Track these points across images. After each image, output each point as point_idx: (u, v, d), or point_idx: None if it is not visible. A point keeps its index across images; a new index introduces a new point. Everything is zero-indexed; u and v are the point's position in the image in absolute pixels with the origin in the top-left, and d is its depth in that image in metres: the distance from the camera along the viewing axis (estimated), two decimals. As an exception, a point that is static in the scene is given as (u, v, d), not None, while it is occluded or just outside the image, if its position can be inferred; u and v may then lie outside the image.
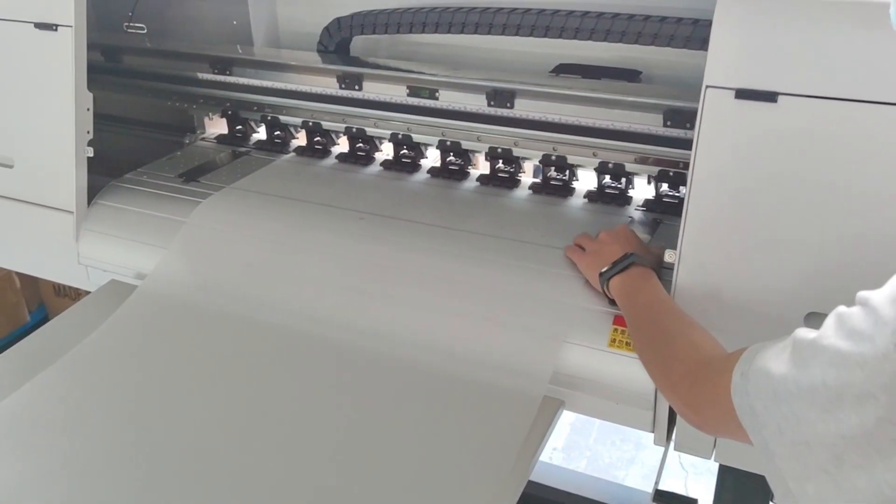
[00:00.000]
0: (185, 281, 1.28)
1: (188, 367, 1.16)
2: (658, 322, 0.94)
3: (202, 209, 1.35)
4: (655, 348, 0.92)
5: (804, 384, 0.62)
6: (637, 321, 0.98)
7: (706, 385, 0.78)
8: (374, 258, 1.21)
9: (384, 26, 1.48)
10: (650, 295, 1.00)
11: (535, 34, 1.36)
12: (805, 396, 0.61)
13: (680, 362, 0.86)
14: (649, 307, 0.98)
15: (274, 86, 1.52)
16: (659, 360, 0.91)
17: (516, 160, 1.40)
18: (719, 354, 0.82)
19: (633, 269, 1.04)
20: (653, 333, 0.94)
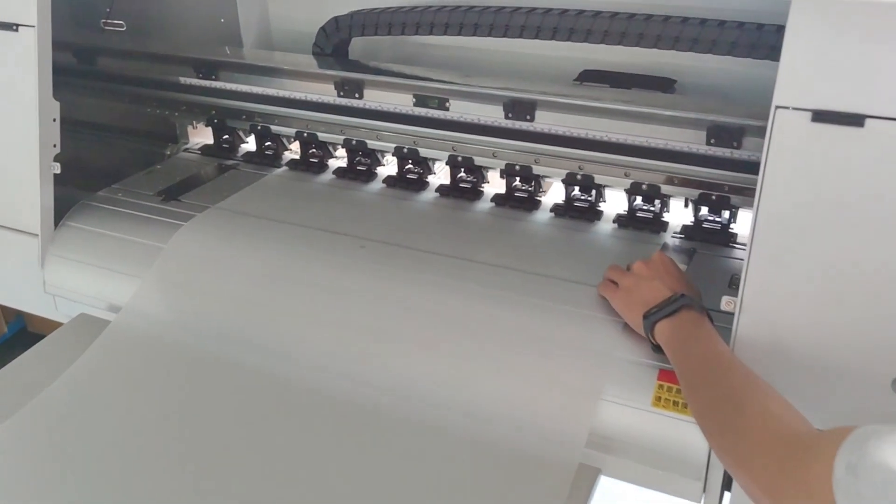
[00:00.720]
0: (162, 317, 1.13)
1: (164, 419, 1.00)
2: (722, 382, 0.79)
3: (182, 234, 1.20)
4: (720, 415, 0.77)
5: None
6: (693, 379, 0.83)
7: (792, 471, 0.64)
8: (377, 295, 1.06)
9: (387, 26, 1.33)
10: (708, 347, 0.84)
11: (558, 37, 1.21)
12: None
13: (754, 437, 0.71)
14: (708, 362, 0.83)
15: (264, 92, 1.36)
16: (725, 431, 0.76)
17: (536, 179, 1.25)
18: (807, 432, 0.68)
19: (684, 312, 0.89)
20: (716, 396, 0.79)
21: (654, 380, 0.91)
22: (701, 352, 0.84)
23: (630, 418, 0.90)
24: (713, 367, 0.82)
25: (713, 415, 0.78)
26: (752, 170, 1.06)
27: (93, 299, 1.22)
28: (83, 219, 1.28)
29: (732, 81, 1.23)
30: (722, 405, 0.77)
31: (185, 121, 1.52)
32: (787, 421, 0.71)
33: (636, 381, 0.91)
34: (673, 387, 0.89)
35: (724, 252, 1.12)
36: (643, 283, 0.95)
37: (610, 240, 1.17)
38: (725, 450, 0.76)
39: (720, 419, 0.77)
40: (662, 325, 0.89)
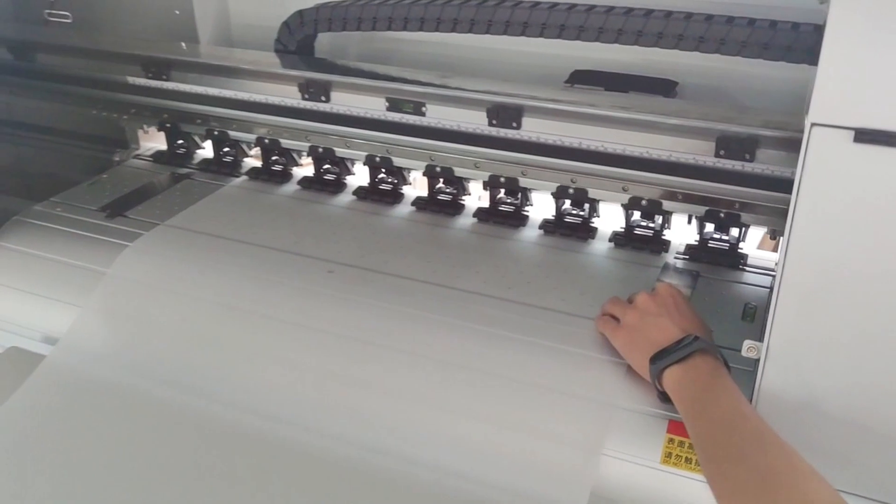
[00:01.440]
0: (102, 354, 1.00)
1: (102, 471, 0.87)
2: (749, 455, 0.67)
3: (127, 257, 1.06)
4: (746, 496, 0.65)
5: None
6: (711, 443, 0.71)
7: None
8: (347, 329, 0.93)
9: (357, 21, 1.19)
10: (729, 405, 0.72)
11: (547, 34, 1.08)
12: None
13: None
14: (730, 426, 0.71)
15: (221, 94, 1.23)
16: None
17: (523, 192, 1.13)
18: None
19: (698, 358, 0.77)
20: (740, 471, 0.67)
21: (663, 432, 0.79)
22: (720, 412, 0.72)
23: (636, 477, 0.79)
24: (737, 432, 0.70)
25: (737, 494, 0.66)
26: (766, 185, 0.95)
27: (25, 329, 1.08)
28: (16, 238, 1.14)
29: (741, 85, 1.11)
30: (749, 485, 0.65)
31: (134, 125, 1.38)
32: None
33: (643, 434, 0.80)
34: (685, 441, 0.78)
35: (733, 276, 1.01)
36: (649, 319, 0.84)
37: (606, 261, 1.05)
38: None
39: (742, 493, 0.65)
40: (672, 372, 0.78)
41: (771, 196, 0.95)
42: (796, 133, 0.90)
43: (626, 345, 0.85)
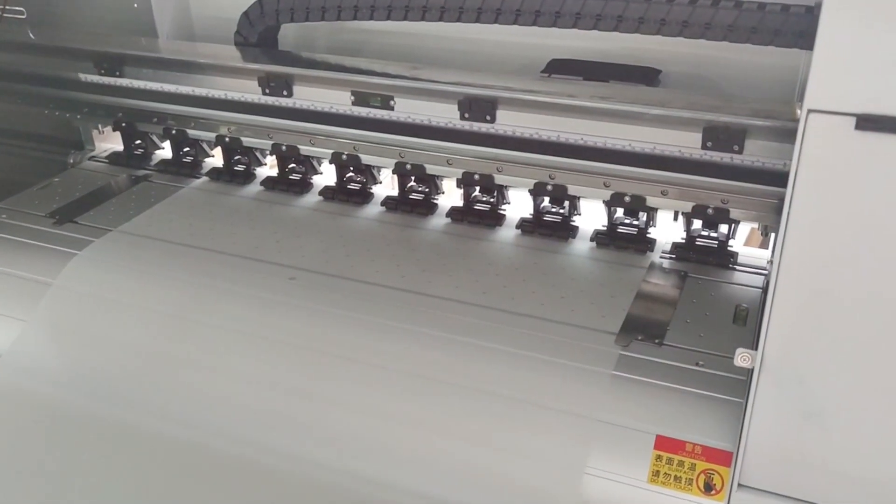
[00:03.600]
0: (48, 369, 0.93)
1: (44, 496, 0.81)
2: None
3: (75, 266, 0.99)
4: None
5: None
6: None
7: None
8: (309, 341, 0.86)
9: (320, 11, 1.12)
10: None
11: (521, 21, 1.02)
12: None
13: None
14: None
15: (177, 90, 1.16)
16: None
17: (499, 189, 1.06)
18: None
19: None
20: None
21: (650, 448, 0.73)
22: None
23: (622, 497, 0.72)
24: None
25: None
26: (757, 178, 0.89)
27: (-32, 345, 1.01)
28: (-43, 247, 1.07)
29: (719, 70, 1.05)
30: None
31: (88, 124, 1.31)
32: None
33: (628, 450, 0.73)
34: (674, 458, 0.72)
35: (723, 275, 0.95)
36: None
37: (587, 262, 0.99)
38: None
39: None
40: None
41: (762, 190, 0.89)
42: (789, 122, 0.85)
43: None
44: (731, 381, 0.76)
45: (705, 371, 0.78)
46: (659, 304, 0.89)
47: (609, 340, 0.82)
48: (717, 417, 0.74)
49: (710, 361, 0.79)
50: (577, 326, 0.85)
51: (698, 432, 0.73)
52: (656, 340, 0.82)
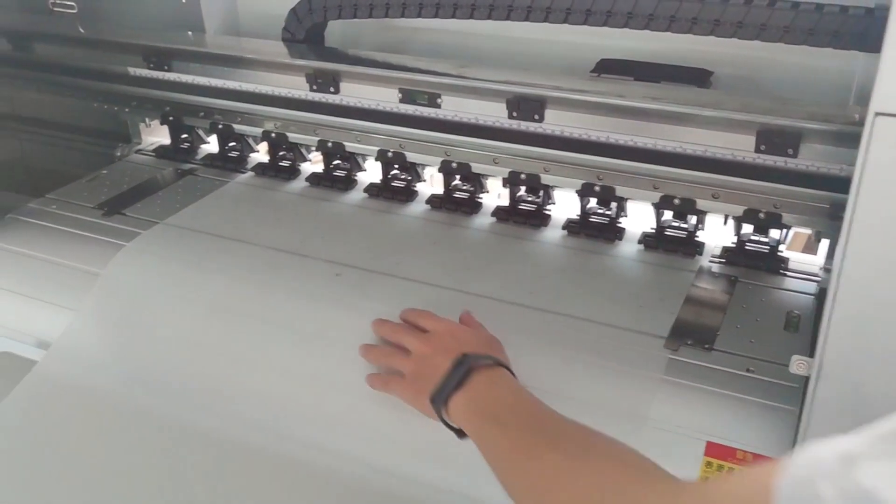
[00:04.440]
0: (97, 360, 0.94)
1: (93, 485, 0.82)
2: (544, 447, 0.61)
3: (122, 258, 1.00)
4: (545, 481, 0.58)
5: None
6: (509, 458, 0.64)
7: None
8: (355, 337, 0.86)
9: (368, 8, 1.12)
10: (515, 408, 0.67)
11: (572, 20, 1.01)
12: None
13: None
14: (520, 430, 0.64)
15: (224, 85, 1.16)
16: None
17: (545, 189, 1.05)
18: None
19: (475, 377, 0.71)
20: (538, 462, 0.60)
21: (700, 455, 0.72)
22: (511, 419, 0.66)
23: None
24: (531, 434, 0.64)
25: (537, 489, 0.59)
26: (811, 183, 0.87)
27: (18, 333, 1.02)
28: (10, 237, 1.08)
29: (779, 74, 1.04)
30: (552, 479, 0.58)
31: (136, 118, 1.32)
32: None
33: (678, 456, 0.72)
34: (724, 465, 0.71)
35: (774, 281, 0.93)
36: (426, 362, 0.76)
37: (635, 264, 0.98)
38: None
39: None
40: (455, 403, 0.70)
41: (816, 195, 0.87)
42: (846, 126, 0.83)
43: (412, 396, 0.77)
44: (783, 388, 0.74)
45: (756, 377, 0.77)
46: (709, 309, 0.88)
47: (658, 344, 0.81)
48: (768, 425, 0.73)
49: (761, 368, 0.78)
50: (625, 329, 0.84)
51: (748, 440, 0.72)
52: (706, 345, 0.81)
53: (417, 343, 0.78)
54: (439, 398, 0.71)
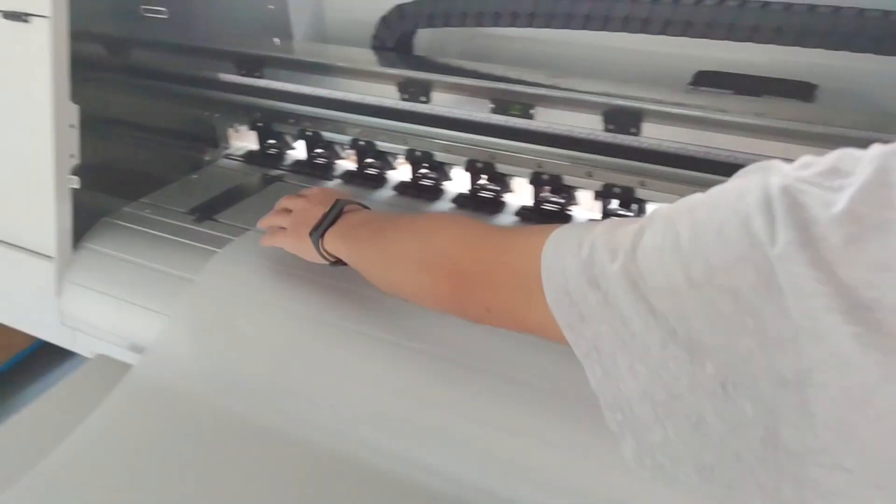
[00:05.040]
0: (190, 366, 0.95)
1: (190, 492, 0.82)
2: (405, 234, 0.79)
3: (215, 264, 1.01)
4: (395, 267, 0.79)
5: None
6: (375, 252, 0.82)
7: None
8: (454, 354, 0.85)
9: (461, 17, 1.11)
10: (374, 223, 0.85)
11: (670, 32, 0.99)
12: None
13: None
14: (375, 231, 0.83)
15: (315, 93, 1.17)
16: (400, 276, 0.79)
17: (640, 204, 1.03)
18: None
19: (348, 216, 0.88)
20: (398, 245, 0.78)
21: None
22: (369, 230, 0.84)
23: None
24: (381, 238, 0.81)
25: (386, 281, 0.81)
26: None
27: (113, 336, 1.05)
28: (104, 240, 1.10)
29: (886, 88, 0.99)
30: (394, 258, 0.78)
31: (226, 123, 1.34)
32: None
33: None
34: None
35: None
36: (305, 214, 0.92)
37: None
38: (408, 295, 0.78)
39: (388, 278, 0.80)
40: (331, 236, 0.87)
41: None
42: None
43: (293, 242, 0.93)
44: None
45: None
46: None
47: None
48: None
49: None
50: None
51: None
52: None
53: (296, 201, 0.96)
54: (316, 234, 0.88)
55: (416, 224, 0.78)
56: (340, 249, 0.86)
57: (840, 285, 0.36)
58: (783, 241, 0.38)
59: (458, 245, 0.69)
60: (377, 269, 0.81)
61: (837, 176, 0.39)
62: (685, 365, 0.44)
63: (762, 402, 0.41)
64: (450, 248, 0.70)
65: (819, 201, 0.38)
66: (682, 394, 0.45)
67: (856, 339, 0.36)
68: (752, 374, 0.41)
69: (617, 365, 0.49)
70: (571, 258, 0.52)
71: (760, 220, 0.40)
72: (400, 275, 0.77)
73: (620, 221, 0.53)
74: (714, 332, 0.43)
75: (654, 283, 0.46)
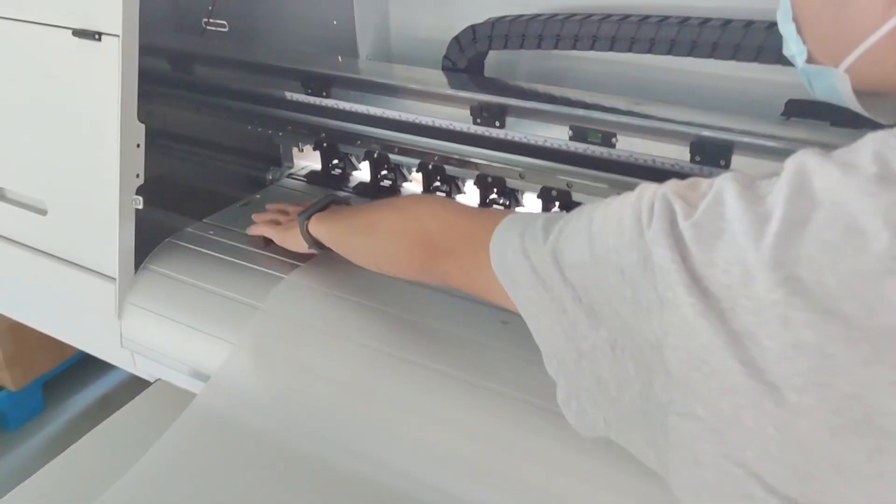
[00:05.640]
0: (254, 399, 0.92)
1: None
2: (379, 214, 0.90)
3: (282, 292, 0.98)
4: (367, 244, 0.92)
5: None
6: (353, 234, 0.94)
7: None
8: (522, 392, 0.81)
9: (537, 39, 1.07)
10: (365, 207, 0.96)
11: (763, 60, 0.94)
12: None
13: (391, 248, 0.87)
14: (354, 217, 0.95)
15: (385, 114, 1.13)
16: (372, 252, 0.91)
17: (725, 239, 0.98)
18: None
19: (334, 206, 1.01)
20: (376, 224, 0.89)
21: None
22: (352, 211, 0.98)
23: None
24: (363, 215, 0.93)
25: (364, 249, 0.92)
26: None
27: (173, 361, 1.02)
28: (167, 261, 1.08)
29: None
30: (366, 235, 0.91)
31: (290, 142, 1.31)
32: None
33: None
34: None
35: None
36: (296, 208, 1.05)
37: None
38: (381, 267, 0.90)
39: (367, 246, 0.91)
40: (316, 219, 0.98)
41: None
42: None
43: (281, 231, 1.05)
44: None
45: None
46: None
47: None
48: None
49: None
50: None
51: None
52: None
53: (292, 207, 1.10)
54: (304, 215, 0.98)
55: (397, 201, 0.95)
56: (321, 231, 0.97)
57: (689, 266, 0.48)
58: (654, 228, 0.51)
59: (433, 216, 0.80)
60: (356, 240, 0.92)
61: (703, 197, 0.51)
62: (587, 329, 0.57)
63: (640, 362, 0.52)
64: (425, 218, 0.80)
65: (683, 211, 0.50)
66: (587, 352, 0.57)
67: (692, 308, 0.47)
68: (632, 339, 0.53)
69: (542, 322, 0.62)
70: (514, 234, 0.64)
71: (645, 214, 0.52)
72: (378, 242, 0.88)
73: (559, 214, 0.64)
74: (607, 302, 0.54)
75: (569, 258, 0.58)
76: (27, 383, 1.90)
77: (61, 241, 1.10)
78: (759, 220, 0.47)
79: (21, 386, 1.88)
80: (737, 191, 0.49)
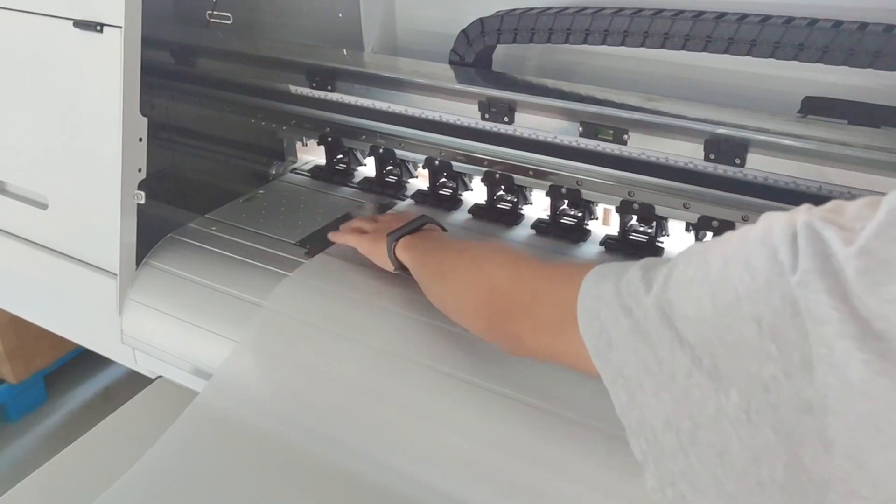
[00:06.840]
0: (257, 399, 0.90)
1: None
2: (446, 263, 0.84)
3: (285, 289, 0.96)
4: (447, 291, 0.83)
5: None
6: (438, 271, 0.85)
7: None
8: (533, 397, 0.79)
9: (547, 32, 1.05)
10: (444, 244, 0.89)
11: (780, 55, 0.91)
12: None
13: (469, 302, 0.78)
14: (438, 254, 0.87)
15: (391, 109, 1.11)
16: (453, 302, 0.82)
17: (739, 239, 0.96)
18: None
19: (427, 230, 0.94)
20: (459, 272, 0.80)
21: None
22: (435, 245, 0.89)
23: None
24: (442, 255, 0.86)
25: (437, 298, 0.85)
26: None
27: (174, 358, 1.00)
28: (169, 257, 1.06)
29: None
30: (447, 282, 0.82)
31: (294, 136, 1.29)
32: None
33: None
34: None
35: None
36: (390, 223, 0.96)
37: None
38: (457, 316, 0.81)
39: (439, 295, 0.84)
40: (404, 242, 0.91)
41: None
42: None
43: (369, 243, 0.97)
44: None
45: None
46: None
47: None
48: None
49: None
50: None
51: None
52: None
53: (384, 216, 1.03)
54: (393, 236, 0.91)
55: (472, 249, 0.81)
56: (407, 257, 0.90)
57: (853, 313, 0.38)
58: (803, 269, 0.40)
59: (504, 270, 0.72)
60: (431, 282, 0.86)
61: (860, 219, 0.41)
62: (710, 393, 0.46)
63: (784, 429, 0.42)
64: (496, 273, 0.73)
65: (839, 237, 0.40)
66: (707, 422, 0.46)
67: (865, 366, 0.38)
68: (775, 401, 0.43)
69: (643, 392, 0.50)
70: (608, 288, 0.54)
71: (785, 250, 0.42)
72: (448, 291, 0.82)
73: (659, 259, 0.55)
74: (738, 360, 0.44)
75: (683, 312, 0.47)
76: (28, 376, 1.89)
77: (62, 236, 1.08)
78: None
79: (22, 378, 1.87)
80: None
